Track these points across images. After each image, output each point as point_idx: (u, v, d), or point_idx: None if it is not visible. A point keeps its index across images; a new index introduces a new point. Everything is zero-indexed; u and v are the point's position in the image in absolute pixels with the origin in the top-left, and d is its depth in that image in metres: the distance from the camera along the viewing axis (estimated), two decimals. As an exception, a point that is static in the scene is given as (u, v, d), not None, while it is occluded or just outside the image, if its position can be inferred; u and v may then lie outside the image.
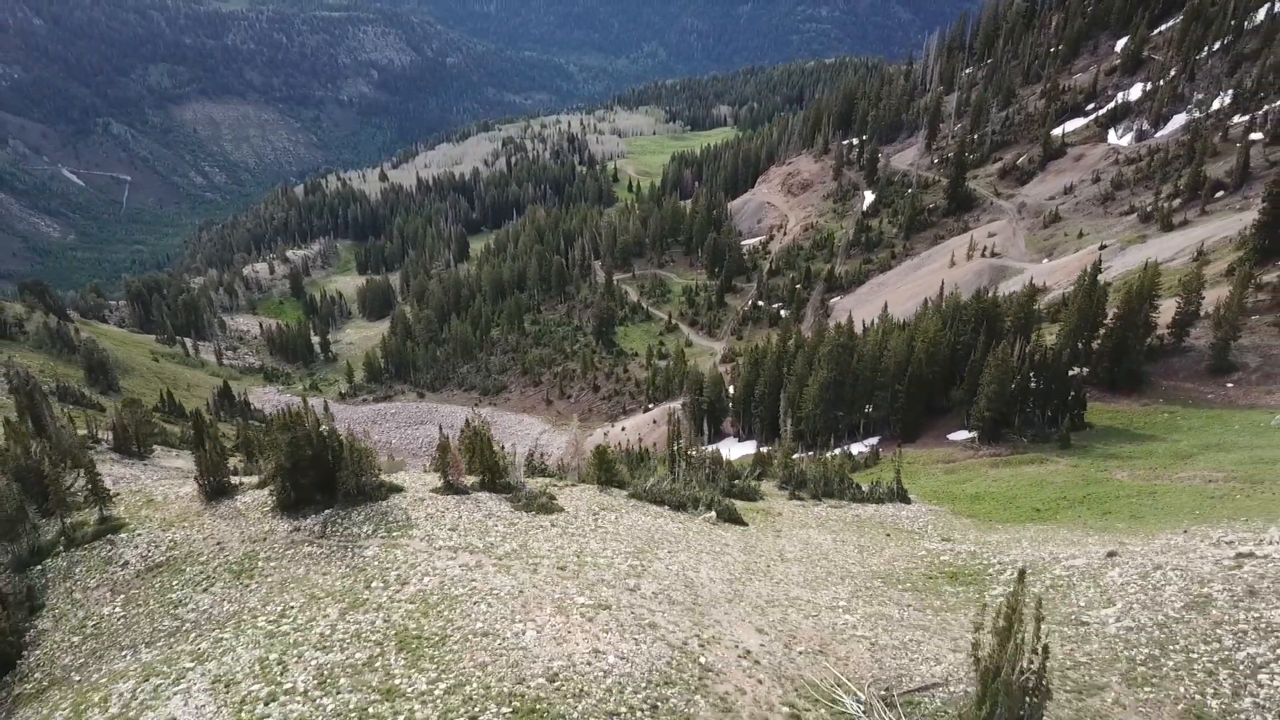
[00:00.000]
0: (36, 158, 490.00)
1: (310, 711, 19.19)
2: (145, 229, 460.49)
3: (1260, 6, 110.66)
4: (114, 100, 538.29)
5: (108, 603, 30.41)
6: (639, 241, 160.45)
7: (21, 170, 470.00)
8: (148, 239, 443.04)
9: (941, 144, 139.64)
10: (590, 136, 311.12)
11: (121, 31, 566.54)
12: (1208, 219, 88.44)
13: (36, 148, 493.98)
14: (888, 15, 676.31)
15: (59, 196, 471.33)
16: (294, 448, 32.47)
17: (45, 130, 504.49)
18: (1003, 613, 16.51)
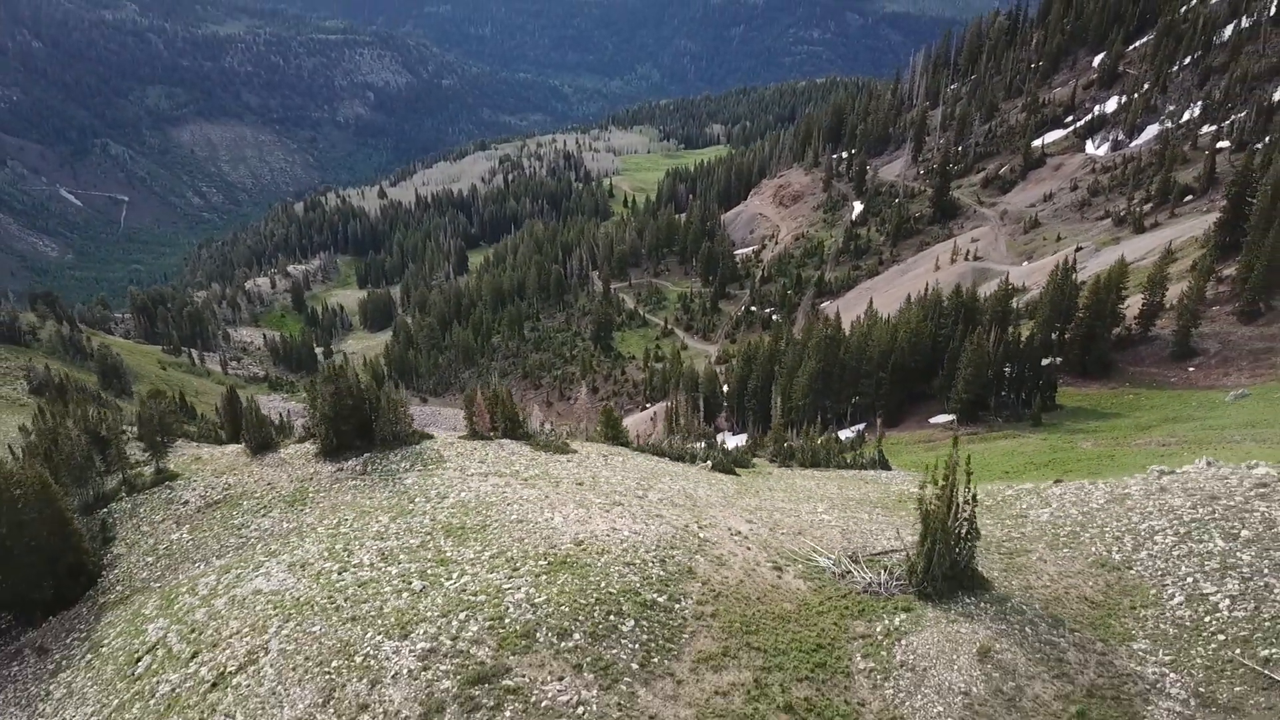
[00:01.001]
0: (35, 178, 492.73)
1: (377, 576, 23.61)
2: (142, 248, 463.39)
3: (1227, 23, 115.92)
4: (112, 121, 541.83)
5: (174, 531, 34.81)
6: (635, 252, 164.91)
7: (20, 190, 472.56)
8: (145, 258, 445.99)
9: (927, 156, 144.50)
10: (586, 154, 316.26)
11: (120, 54, 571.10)
12: (1177, 221, 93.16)
13: (35, 168, 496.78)
14: (878, 37, 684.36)
15: (57, 216, 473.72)
16: (337, 398, 36.84)
17: (44, 151, 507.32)
18: (942, 471, 20.92)
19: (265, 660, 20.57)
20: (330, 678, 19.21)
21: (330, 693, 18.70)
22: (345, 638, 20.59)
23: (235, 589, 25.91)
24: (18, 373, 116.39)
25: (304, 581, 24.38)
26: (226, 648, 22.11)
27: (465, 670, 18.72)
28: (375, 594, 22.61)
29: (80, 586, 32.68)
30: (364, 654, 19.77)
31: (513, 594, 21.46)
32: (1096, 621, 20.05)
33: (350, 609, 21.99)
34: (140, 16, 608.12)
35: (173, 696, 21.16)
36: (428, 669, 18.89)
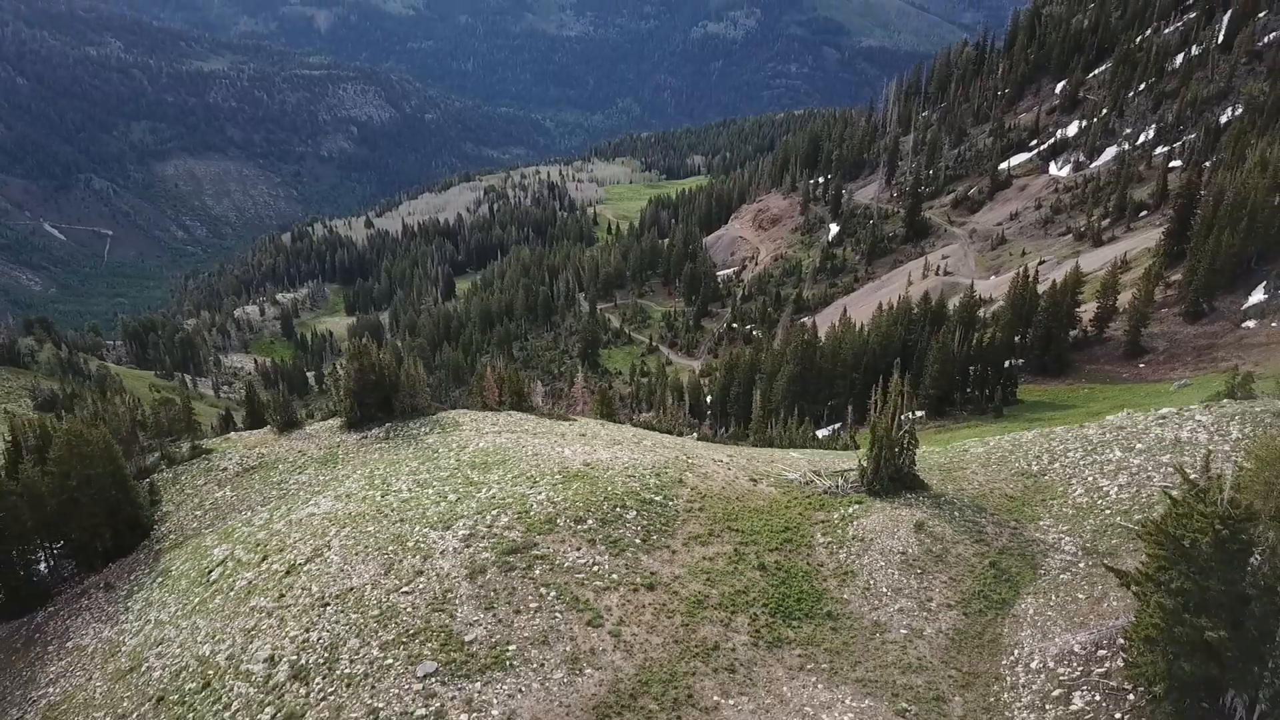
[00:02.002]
0: (19, 213, 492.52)
1: (417, 495, 28.03)
2: (127, 282, 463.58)
3: (1179, 52, 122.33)
4: (96, 156, 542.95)
5: (217, 491, 39.15)
6: (620, 274, 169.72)
7: (3, 225, 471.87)
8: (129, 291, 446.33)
9: (900, 179, 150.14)
10: (570, 184, 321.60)
11: (104, 90, 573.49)
12: (1132, 235, 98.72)
13: (19, 203, 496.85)
14: (855, 71, 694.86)
15: (41, 250, 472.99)
16: (361, 374, 41.20)
17: (28, 186, 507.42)
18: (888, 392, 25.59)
19: (330, 553, 24.83)
20: (388, 557, 23.50)
21: (390, 566, 22.97)
22: (397, 532, 24.89)
23: (290, 515, 30.20)
24: (21, 391, 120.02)
25: (352, 504, 28.70)
26: (292, 550, 26.36)
27: (500, 545, 23.06)
28: (417, 506, 26.94)
29: (136, 537, 36.89)
30: (414, 541, 24.09)
31: (535, 496, 25.83)
32: (1013, 509, 24.59)
33: (397, 516, 26.30)
34: (125, 53, 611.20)
35: (250, 586, 25.37)
36: (469, 546, 23.20)
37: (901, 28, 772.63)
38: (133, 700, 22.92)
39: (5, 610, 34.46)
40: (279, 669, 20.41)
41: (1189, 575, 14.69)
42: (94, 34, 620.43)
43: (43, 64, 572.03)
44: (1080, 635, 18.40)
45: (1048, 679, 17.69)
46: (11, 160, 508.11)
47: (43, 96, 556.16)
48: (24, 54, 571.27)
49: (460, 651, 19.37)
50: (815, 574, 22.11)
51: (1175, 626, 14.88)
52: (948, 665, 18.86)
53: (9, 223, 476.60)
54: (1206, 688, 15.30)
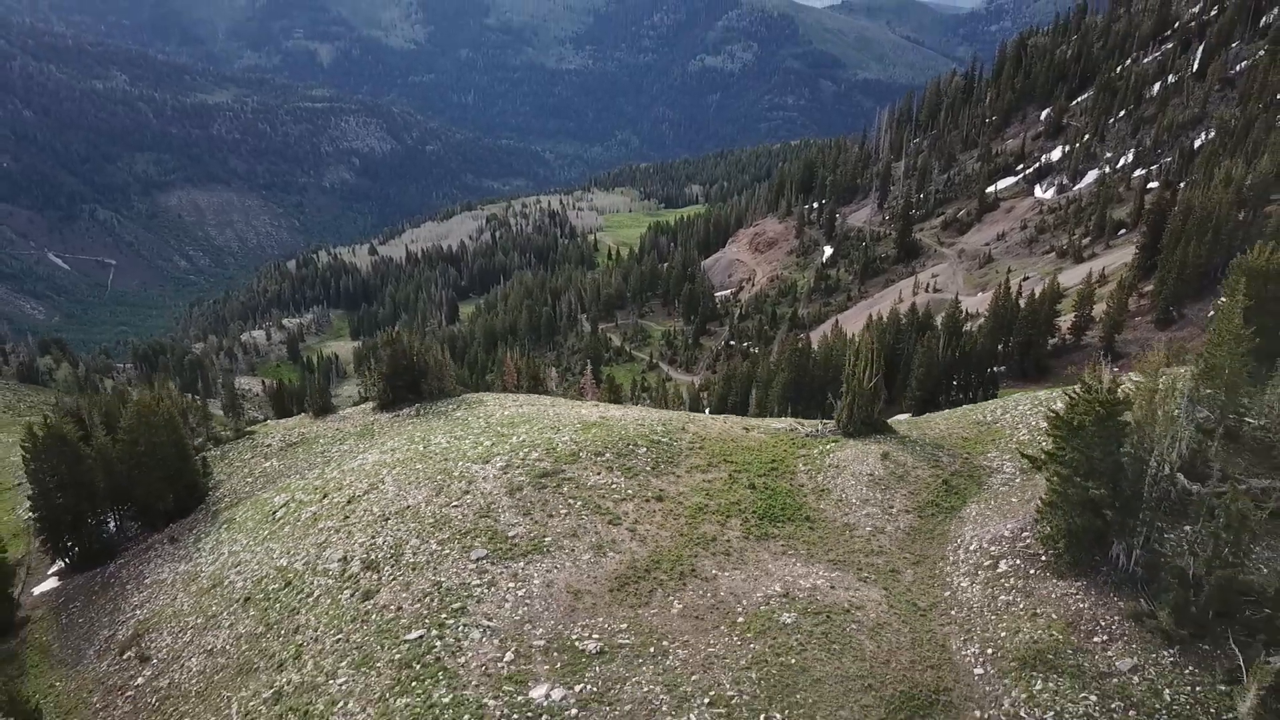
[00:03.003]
0: (24, 243, 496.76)
1: (455, 444, 32.40)
2: (129, 311, 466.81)
3: (1156, 80, 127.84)
4: (101, 187, 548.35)
5: (264, 462, 43.42)
6: (621, 295, 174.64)
7: (8, 255, 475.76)
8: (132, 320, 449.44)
9: (892, 203, 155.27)
10: (570, 212, 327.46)
11: (109, 122, 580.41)
12: (1111, 251, 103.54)
13: (24, 233, 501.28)
14: (851, 103, 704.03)
15: (44, 280, 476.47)
16: (394, 359, 45.52)
17: (33, 216, 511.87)
18: (859, 347, 30.05)
19: (385, 485, 29.23)
20: (437, 484, 27.88)
21: (439, 489, 27.35)
22: (442, 467, 29.27)
23: (342, 467, 34.50)
24: (43, 406, 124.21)
25: (398, 454, 33.07)
26: (350, 488, 30.71)
27: (533, 471, 27.47)
28: (457, 450, 31.31)
29: (194, 500, 41.19)
30: (459, 471, 28.47)
31: (559, 439, 30.26)
32: (966, 446, 28.98)
33: (441, 458, 30.67)
34: (130, 86, 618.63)
35: (315, 515, 29.70)
36: (506, 473, 27.60)
37: (896, 61, 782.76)
38: (220, 604, 27.11)
39: (77, 565, 38.59)
40: (352, 564, 24.68)
41: (1078, 448, 19.03)
42: (100, 67, 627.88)
43: (49, 97, 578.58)
44: (1009, 524, 22.70)
45: (981, 554, 21.97)
46: (17, 191, 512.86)
47: (49, 128, 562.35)
48: (31, 87, 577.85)
49: (505, 543, 23.67)
50: (797, 492, 26.44)
51: (1069, 489, 19.19)
52: (903, 550, 23.14)
53: (14, 252, 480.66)
54: (1096, 540, 19.59)
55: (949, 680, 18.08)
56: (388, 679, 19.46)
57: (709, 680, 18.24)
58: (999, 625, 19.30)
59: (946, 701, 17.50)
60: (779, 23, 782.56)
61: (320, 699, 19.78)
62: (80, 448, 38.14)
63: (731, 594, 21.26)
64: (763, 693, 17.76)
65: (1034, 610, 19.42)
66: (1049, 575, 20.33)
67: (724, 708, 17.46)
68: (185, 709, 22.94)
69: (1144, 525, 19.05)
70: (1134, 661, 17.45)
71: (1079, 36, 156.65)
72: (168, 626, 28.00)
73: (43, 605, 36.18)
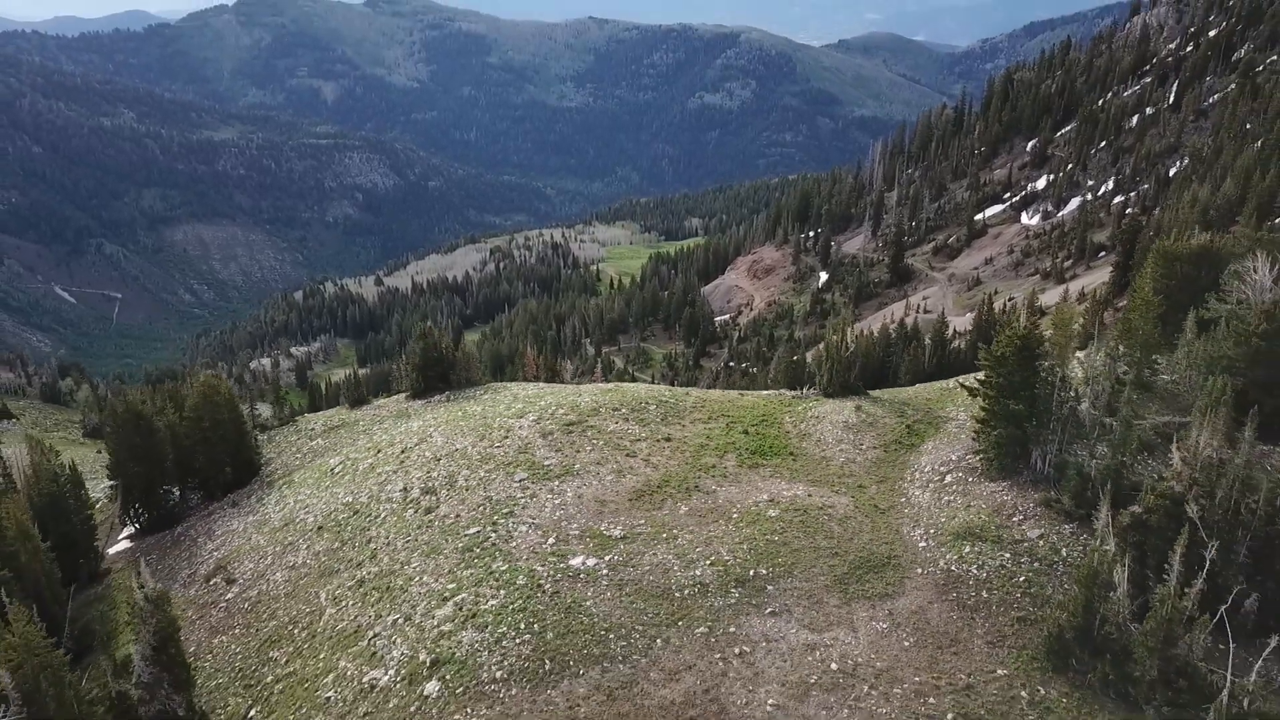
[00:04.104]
0: (31, 276, 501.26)
1: (489, 410, 37.29)
2: (134, 344, 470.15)
3: (1134, 113, 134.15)
4: (107, 222, 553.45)
5: (310, 441, 48.34)
6: (623, 320, 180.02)
7: (15, 289, 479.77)
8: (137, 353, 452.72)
9: (885, 231, 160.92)
10: (573, 244, 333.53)
11: (117, 158, 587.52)
12: (1091, 271, 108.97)
13: (31, 267, 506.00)
14: (848, 140, 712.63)
15: (51, 313, 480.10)
16: (425, 351, 50.60)
17: (40, 250, 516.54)
18: (838, 326, 35.32)
19: (433, 437, 34.27)
20: (480, 432, 32.93)
21: (482, 436, 32.41)
22: (483, 422, 34.39)
23: (390, 432, 39.42)
24: (68, 423, 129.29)
25: (440, 419, 37.97)
26: (400, 443, 35.70)
27: (561, 421, 32.55)
28: (492, 413, 36.41)
29: (250, 474, 46.03)
30: (497, 424, 33.55)
31: (580, 400, 35.35)
32: (929, 404, 33.97)
33: (479, 419, 35.75)
34: (138, 123, 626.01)
35: (372, 465, 34.71)
36: (539, 423, 32.66)
37: (893, 98, 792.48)
38: (295, 534, 31.97)
39: (147, 529, 43.42)
40: (412, 492, 29.65)
41: (1002, 374, 24.07)
42: (108, 105, 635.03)
43: (58, 134, 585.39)
44: (956, 451, 27.69)
45: (932, 473, 26.95)
46: (26, 226, 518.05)
47: (57, 165, 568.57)
48: (40, 124, 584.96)
49: (541, 470, 28.69)
50: (783, 436, 31.44)
51: (996, 407, 24.21)
52: (869, 474, 28.12)
53: (22, 286, 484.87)
54: (1019, 448, 24.59)
55: (899, 550, 23.03)
56: (453, 559, 24.41)
57: (710, 551, 23.20)
58: (940, 515, 24.28)
59: (896, 563, 22.43)
60: (777, 61, 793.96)
61: (398, 578, 24.70)
62: (154, 423, 43.05)
63: (728, 501, 26.25)
64: (752, 557, 22.72)
65: (969, 504, 24.42)
66: (983, 480, 25.35)
67: (722, 566, 22.42)
68: (276, 607, 27.78)
69: (1055, 435, 24.06)
70: (1041, 531, 22.43)
71: (1063, 71, 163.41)
72: (248, 557, 32.82)
73: (120, 561, 40.95)
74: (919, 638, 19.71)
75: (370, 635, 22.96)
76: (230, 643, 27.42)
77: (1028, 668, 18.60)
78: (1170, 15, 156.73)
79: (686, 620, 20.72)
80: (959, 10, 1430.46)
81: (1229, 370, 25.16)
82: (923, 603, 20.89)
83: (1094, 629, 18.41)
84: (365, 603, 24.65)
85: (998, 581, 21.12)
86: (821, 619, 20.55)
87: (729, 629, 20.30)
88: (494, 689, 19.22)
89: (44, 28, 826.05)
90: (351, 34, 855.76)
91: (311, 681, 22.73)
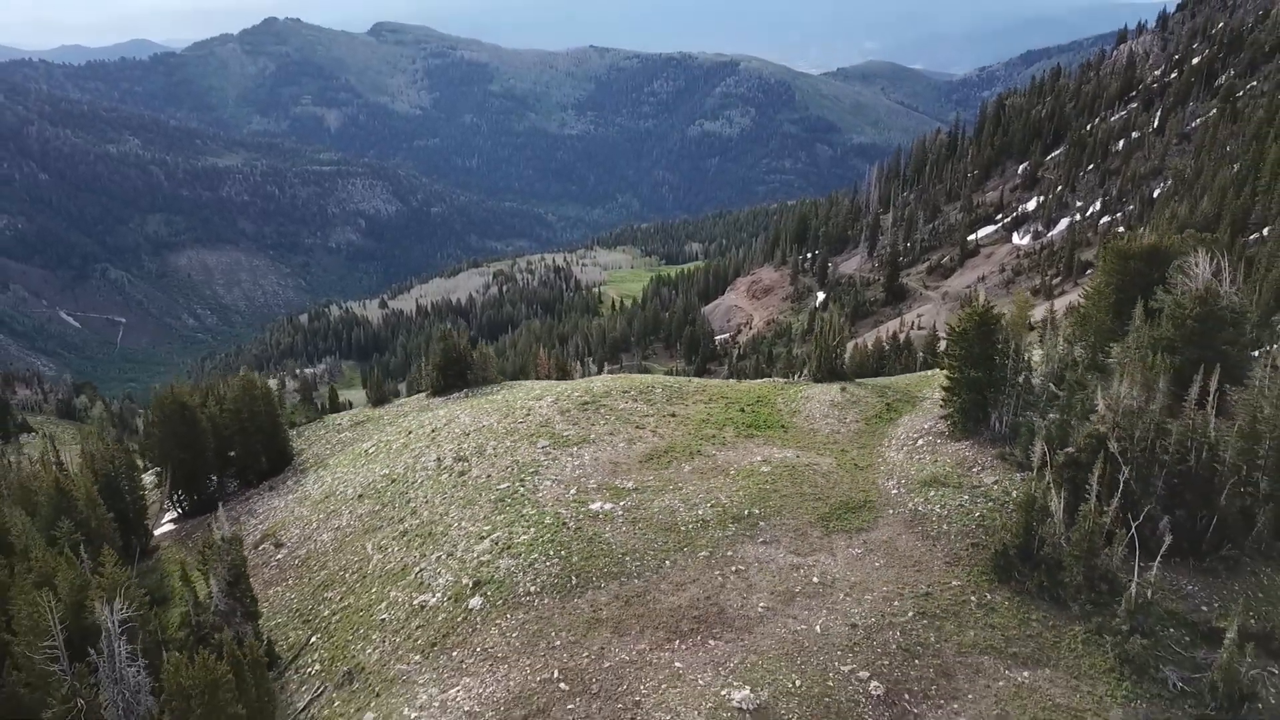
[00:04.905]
0: (36, 301, 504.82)
1: (512, 396, 40.80)
2: (137, 367, 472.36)
3: (1120, 137, 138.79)
4: (113, 248, 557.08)
5: (337, 435, 51.77)
6: (625, 339, 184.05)
7: (20, 313, 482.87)
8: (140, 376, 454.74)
9: (880, 252, 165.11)
10: (575, 268, 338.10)
11: (123, 185, 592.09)
12: (1079, 288, 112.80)
13: (37, 291, 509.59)
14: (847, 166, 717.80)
15: (55, 338, 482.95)
16: (445, 352, 54.23)
17: (46, 275, 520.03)
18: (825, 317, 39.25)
19: (461, 418, 37.89)
20: (503, 411, 36.64)
21: (506, 415, 36.10)
22: (506, 405, 38.05)
23: (416, 420, 43.03)
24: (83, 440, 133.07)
25: (462, 407, 41.59)
26: (429, 426, 39.36)
27: (576, 402, 36.26)
28: (513, 398, 40.07)
29: (283, 463, 49.55)
30: (519, 405, 37.26)
31: (594, 385, 38.99)
32: (909, 389, 37.61)
33: (501, 403, 39.40)
34: (143, 150, 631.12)
35: (404, 444, 38.29)
36: (556, 404, 36.34)
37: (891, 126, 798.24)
38: (337, 503, 35.54)
39: (189, 513, 46.98)
40: (446, 460, 33.30)
41: (964, 346, 27.80)
42: (114, 132, 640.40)
43: (64, 160, 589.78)
44: (928, 422, 31.35)
45: (906, 439, 30.60)
46: (32, 251, 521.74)
47: (64, 191, 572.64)
48: (47, 151, 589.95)
49: (561, 439, 32.39)
50: (775, 413, 35.08)
51: (958, 375, 27.92)
52: (852, 442, 31.75)
53: (27, 311, 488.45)
54: (980, 412, 28.29)
55: (874, 496, 26.68)
56: (488, 508, 28.08)
57: (710, 497, 26.88)
58: (911, 469, 27.96)
59: (871, 506, 26.09)
60: (776, 89, 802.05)
61: (439, 526, 28.35)
62: (197, 413, 46.72)
63: (726, 462, 29.92)
64: (746, 501, 26.40)
65: (936, 460, 28.10)
66: (949, 441, 29.04)
67: (720, 508, 26.11)
68: (326, 560, 31.36)
69: (1010, 401, 27.77)
70: (996, 478, 26.10)
71: (1053, 97, 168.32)
72: (293, 525, 36.37)
73: (166, 540, 44.46)
74: (888, 560, 23.33)
75: (417, 570, 26.59)
76: (285, 591, 30.96)
77: (977, 579, 22.21)
78: (1156, 43, 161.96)
79: (690, 547, 24.41)
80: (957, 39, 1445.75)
81: (1169, 350, 28.90)
82: (892, 534, 24.52)
83: (1033, 547, 22.06)
84: (409, 547, 28.28)
85: (956, 517, 24.74)
86: (806, 547, 24.20)
87: (727, 553, 23.97)
88: (529, 599, 22.88)
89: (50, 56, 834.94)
90: (355, 62, 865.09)
91: (366, 610, 26.32)
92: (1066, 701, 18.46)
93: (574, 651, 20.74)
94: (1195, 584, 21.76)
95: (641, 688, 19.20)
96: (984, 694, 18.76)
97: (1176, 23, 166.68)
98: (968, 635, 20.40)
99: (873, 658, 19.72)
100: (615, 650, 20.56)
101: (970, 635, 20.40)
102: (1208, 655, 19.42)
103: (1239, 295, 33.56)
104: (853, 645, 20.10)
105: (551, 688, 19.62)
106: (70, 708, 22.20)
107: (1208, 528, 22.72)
